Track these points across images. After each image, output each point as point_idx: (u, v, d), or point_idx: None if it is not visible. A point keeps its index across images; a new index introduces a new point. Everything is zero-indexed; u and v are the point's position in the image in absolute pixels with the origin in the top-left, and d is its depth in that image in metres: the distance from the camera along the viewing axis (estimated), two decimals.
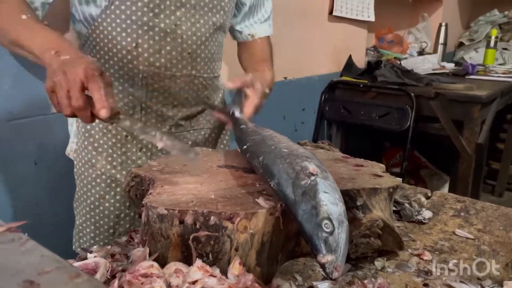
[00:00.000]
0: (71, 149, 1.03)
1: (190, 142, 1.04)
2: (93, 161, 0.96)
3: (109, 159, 0.96)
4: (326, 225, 0.50)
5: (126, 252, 0.62)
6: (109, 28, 0.88)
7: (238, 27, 1.11)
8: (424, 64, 2.67)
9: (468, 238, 0.77)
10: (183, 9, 0.90)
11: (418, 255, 0.70)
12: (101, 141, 0.96)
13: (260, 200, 0.57)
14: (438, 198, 0.95)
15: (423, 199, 0.89)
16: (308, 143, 1.06)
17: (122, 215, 0.98)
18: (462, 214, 0.87)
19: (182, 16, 0.91)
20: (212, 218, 0.54)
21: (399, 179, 0.90)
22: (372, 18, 2.52)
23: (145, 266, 0.52)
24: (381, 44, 2.85)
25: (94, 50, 0.91)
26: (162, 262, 0.55)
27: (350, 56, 2.46)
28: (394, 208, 0.82)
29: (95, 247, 0.64)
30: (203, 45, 0.96)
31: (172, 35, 0.90)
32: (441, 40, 3.10)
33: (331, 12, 2.23)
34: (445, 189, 2.58)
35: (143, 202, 0.58)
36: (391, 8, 2.97)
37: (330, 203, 0.52)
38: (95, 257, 0.60)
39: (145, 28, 0.88)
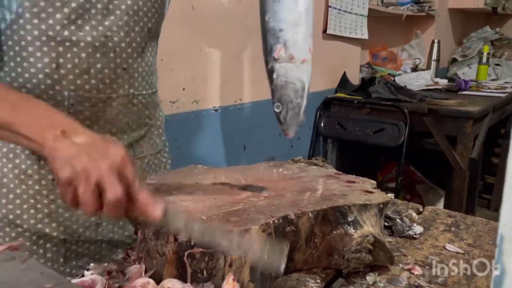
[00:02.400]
0: None
1: (159, 174, 0.90)
2: (11, 217, 0.76)
3: (32, 211, 0.77)
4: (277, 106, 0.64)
5: (123, 269, 0.63)
6: (17, 48, 0.71)
7: None
8: (417, 80, 2.71)
9: (458, 252, 0.78)
10: (113, 17, 0.76)
11: (409, 270, 0.71)
12: (18, 191, 0.76)
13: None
14: (429, 213, 0.96)
15: (414, 214, 0.90)
16: (302, 159, 1.08)
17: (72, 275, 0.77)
18: (453, 229, 0.88)
19: (112, 25, 0.76)
20: None
21: (391, 195, 0.92)
22: (365, 36, 2.57)
23: (141, 283, 0.54)
24: (375, 61, 2.90)
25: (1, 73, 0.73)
26: (158, 278, 0.57)
27: (344, 73, 2.51)
28: (385, 224, 0.84)
29: (92, 264, 0.65)
30: (140, 57, 0.82)
31: (102, 50, 0.75)
32: (434, 56, 3.16)
33: (325, 31, 2.27)
34: (441, 203, 2.60)
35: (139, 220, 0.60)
36: (385, 25, 3.03)
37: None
38: (91, 274, 0.61)
39: (67, 44, 0.72)
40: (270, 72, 0.67)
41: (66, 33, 0.71)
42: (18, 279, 0.34)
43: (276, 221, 0.60)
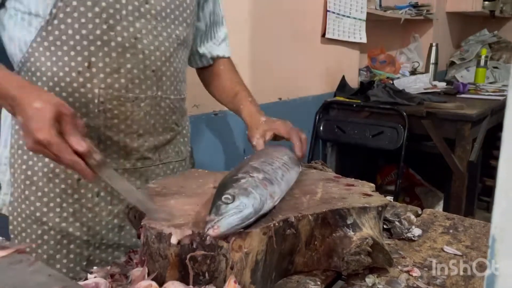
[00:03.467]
0: (3, 203, 0.85)
1: (160, 178, 0.90)
2: (38, 214, 0.79)
3: (58, 210, 0.80)
4: (226, 198, 0.57)
5: (125, 272, 0.64)
6: (52, 48, 0.75)
7: (200, 50, 1.02)
8: (416, 84, 2.73)
9: (456, 254, 0.79)
10: (143, 20, 0.79)
11: (408, 272, 0.72)
12: (46, 189, 0.79)
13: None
14: (428, 215, 0.97)
15: (412, 217, 0.91)
16: (302, 163, 1.09)
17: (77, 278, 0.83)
18: (451, 231, 0.89)
19: (142, 28, 0.79)
20: (208, 238, 0.56)
21: (390, 198, 0.93)
22: (364, 40, 2.59)
23: (144, 286, 0.55)
24: (374, 64, 2.92)
25: (33, 76, 0.77)
26: (160, 281, 0.57)
27: (343, 76, 2.52)
28: (385, 226, 0.85)
29: (95, 268, 0.66)
30: (168, 61, 0.84)
31: (132, 50, 0.78)
32: (432, 60, 3.17)
33: (323, 35, 2.29)
34: (440, 206, 2.60)
35: (141, 223, 0.61)
36: (383, 29, 3.05)
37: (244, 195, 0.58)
38: (95, 277, 0.62)
39: (99, 43, 0.75)
40: None
41: (98, 32, 0.74)
42: (26, 281, 0.35)
43: (277, 224, 0.61)
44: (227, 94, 1.04)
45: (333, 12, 2.30)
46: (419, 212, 0.99)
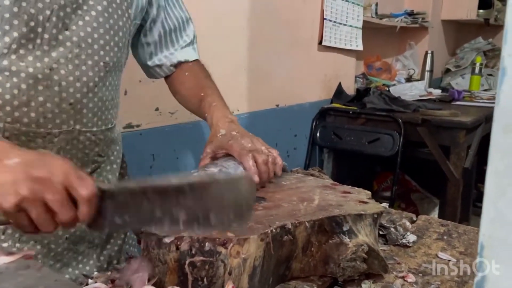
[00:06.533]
0: None
1: None
2: None
3: None
4: None
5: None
6: None
7: (155, 61, 0.93)
8: (411, 91, 2.76)
9: (450, 260, 0.80)
10: (62, 49, 0.71)
11: (403, 277, 0.74)
12: None
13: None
14: (422, 222, 0.99)
15: (408, 223, 0.93)
16: (299, 170, 1.11)
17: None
18: (445, 237, 0.91)
19: (59, 58, 0.70)
20: (207, 244, 0.57)
21: (385, 205, 0.95)
22: (360, 47, 2.61)
23: None
24: (370, 71, 2.95)
25: None
26: (160, 286, 0.59)
27: (340, 83, 2.54)
28: (380, 232, 0.86)
29: (95, 273, 0.67)
30: (91, 92, 0.75)
31: (46, 82, 0.70)
32: (428, 67, 3.21)
33: (320, 42, 2.31)
34: (436, 212, 2.62)
35: (142, 229, 0.62)
36: (379, 36, 3.08)
37: None
38: (95, 282, 0.63)
39: (6, 74, 0.67)
40: None
41: (5, 62, 0.66)
42: (33, 287, 0.36)
43: (274, 231, 0.62)
44: (193, 102, 0.95)
45: (330, 20, 2.33)
46: (414, 218, 1.01)
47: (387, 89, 2.66)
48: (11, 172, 0.48)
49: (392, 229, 0.88)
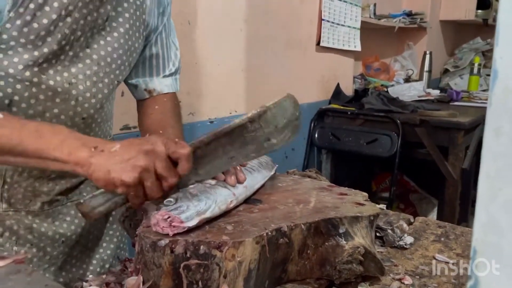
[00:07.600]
0: None
1: (68, 218, 0.82)
2: None
3: None
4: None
5: (120, 280, 0.65)
6: None
7: (133, 81, 0.90)
8: (410, 91, 2.76)
9: (447, 262, 0.80)
10: (81, 65, 0.73)
11: (400, 280, 0.73)
12: None
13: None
14: (420, 223, 0.98)
15: (405, 225, 0.92)
16: (296, 171, 1.10)
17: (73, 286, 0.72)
18: (442, 239, 0.90)
19: (78, 74, 0.73)
20: (201, 247, 0.57)
21: (382, 206, 0.95)
22: (358, 48, 2.61)
23: None
24: (368, 72, 2.95)
25: None
26: None
27: (338, 84, 2.54)
28: (377, 234, 0.86)
29: (90, 276, 0.67)
30: (102, 107, 0.78)
31: (64, 96, 0.72)
32: (426, 67, 3.21)
33: (318, 43, 2.31)
34: (434, 212, 2.62)
35: (136, 232, 0.62)
36: (377, 37, 3.08)
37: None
38: (90, 286, 0.62)
39: (27, 83, 0.68)
40: None
41: (27, 73, 0.67)
42: None
43: (270, 233, 0.62)
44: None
45: (328, 21, 2.33)
46: (412, 220, 1.00)
47: (386, 89, 2.66)
48: (121, 154, 0.55)
49: (389, 231, 0.88)
